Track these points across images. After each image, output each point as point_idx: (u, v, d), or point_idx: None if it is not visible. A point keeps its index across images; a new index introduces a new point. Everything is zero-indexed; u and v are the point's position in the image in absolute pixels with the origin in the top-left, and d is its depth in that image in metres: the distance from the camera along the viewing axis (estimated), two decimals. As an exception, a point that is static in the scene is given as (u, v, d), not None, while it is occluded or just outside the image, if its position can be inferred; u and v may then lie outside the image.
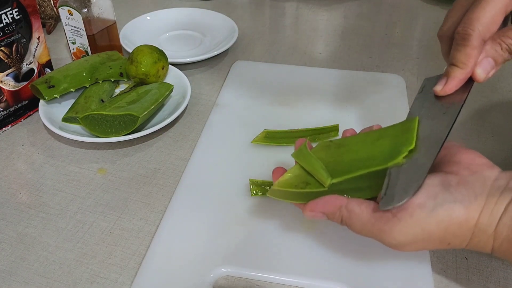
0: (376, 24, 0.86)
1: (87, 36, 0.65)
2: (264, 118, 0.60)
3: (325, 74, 0.69)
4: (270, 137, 0.55)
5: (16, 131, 0.60)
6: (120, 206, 0.49)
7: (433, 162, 0.34)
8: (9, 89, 0.59)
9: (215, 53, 0.72)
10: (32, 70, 0.61)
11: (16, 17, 0.57)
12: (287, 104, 0.62)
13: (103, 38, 0.67)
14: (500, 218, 0.32)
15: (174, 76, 0.65)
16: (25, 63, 0.60)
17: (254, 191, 0.48)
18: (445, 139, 0.35)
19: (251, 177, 0.49)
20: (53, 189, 0.51)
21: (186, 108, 0.62)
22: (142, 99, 0.57)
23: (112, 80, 0.63)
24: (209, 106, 0.63)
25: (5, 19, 0.55)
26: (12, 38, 0.57)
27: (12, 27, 0.56)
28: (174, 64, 0.67)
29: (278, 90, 0.65)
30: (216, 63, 0.73)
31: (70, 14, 0.64)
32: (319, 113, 0.60)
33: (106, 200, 0.50)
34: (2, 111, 0.59)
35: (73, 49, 0.69)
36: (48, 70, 0.64)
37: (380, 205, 0.33)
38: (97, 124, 0.54)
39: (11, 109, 0.60)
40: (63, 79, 0.59)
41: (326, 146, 0.41)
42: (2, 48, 0.56)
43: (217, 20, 0.82)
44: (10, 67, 0.58)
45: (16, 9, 0.56)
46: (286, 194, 0.39)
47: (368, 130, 0.42)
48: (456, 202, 0.33)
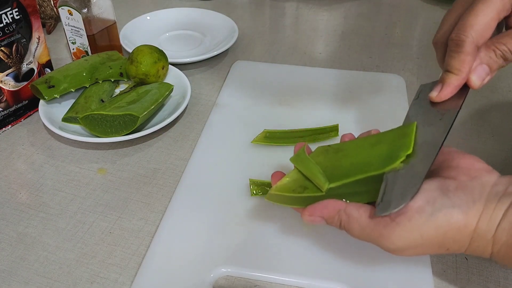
0: (376, 24, 0.86)
1: (87, 36, 0.65)
2: (264, 118, 0.60)
3: (325, 74, 0.69)
4: (270, 137, 0.55)
5: (16, 131, 0.60)
6: (120, 206, 0.49)
7: (429, 168, 0.34)
8: (9, 89, 0.59)
9: (215, 53, 0.72)
10: (32, 70, 0.61)
11: (16, 17, 0.57)
12: (287, 104, 0.62)
13: (103, 38, 0.67)
14: (499, 224, 0.32)
15: (174, 76, 0.65)
16: (25, 63, 0.60)
17: (254, 191, 0.48)
18: (442, 145, 0.35)
19: (251, 177, 0.49)
20: (53, 189, 0.51)
21: (186, 108, 0.62)
22: (142, 99, 0.57)
23: (112, 80, 0.63)
24: (209, 106, 0.63)
25: (5, 19, 0.55)
26: (12, 38, 0.57)
27: (12, 27, 0.56)
28: (174, 64, 0.67)
29: (278, 90, 0.65)
30: (216, 63, 0.73)
31: (70, 14, 0.64)
32: (319, 113, 0.60)
33: (106, 200, 0.50)
34: (2, 111, 0.59)
35: (73, 49, 0.69)
36: (48, 70, 0.64)
37: (377, 211, 0.33)
38: (97, 124, 0.54)
39: (11, 109, 0.60)
40: (63, 79, 0.59)
41: (325, 150, 0.41)
42: (2, 48, 0.56)
43: (217, 20, 0.82)
44: (10, 67, 0.58)
45: (16, 9, 0.56)
46: (284, 198, 0.39)
47: (366, 135, 0.41)
48: (454, 207, 0.32)
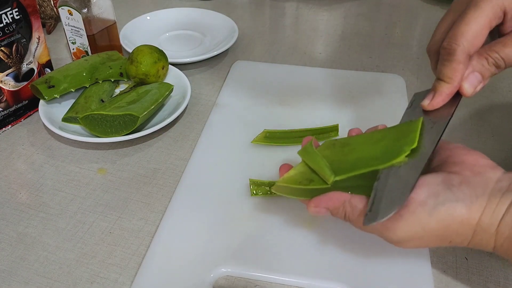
0: (376, 24, 0.86)
1: (87, 36, 0.65)
2: (264, 118, 0.60)
3: (325, 74, 0.69)
4: (270, 137, 0.55)
5: (16, 131, 0.60)
6: (120, 206, 0.49)
7: (418, 177, 0.34)
8: (9, 89, 0.59)
9: (215, 53, 0.72)
10: (32, 70, 0.61)
11: (16, 17, 0.57)
12: (287, 104, 0.62)
13: (103, 38, 0.67)
14: (502, 218, 0.32)
15: (174, 76, 0.65)
16: (25, 63, 0.60)
17: (254, 191, 0.48)
18: (432, 154, 0.36)
19: (251, 177, 0.49)
20: (53, 189, 0.51)
21: (186, 108, 0.62)
22: (142, 99, 0.57)
23: (112, 80, 0.63)
24: (209, 106, 0.63)
25: (5, 19, 0.55)
26: (12, 38, 0.57)
27: (12, 27, 0.56)
28: (174, 64, 0.67)
29: (278, 90, 0.65)
30: (216, 63, 0.73)
31: (70, 14, 0.64)
32: (319, 113, 0.60)
33: (106, 200, 0.50)
34: (2, 111, 0.59)
35: (73, 49, 0.69)
36: (48, 70, 0.64)
37: (365, 220, 0.34)
38: (97, 124, 0.54)
39: (11, 109, 0.60)
40: (63, 79, 0.59)
41: (332, 144, 0.42)
42: (2, 48, 0.56)
43: (217, 20, 0.82)
44: (10, 67, 0.58)
45: (16, 9, 0.56)
46: (290, 190, 0.40)
47: (373, 130, 0.42)
48: (458, 201, 0.33)
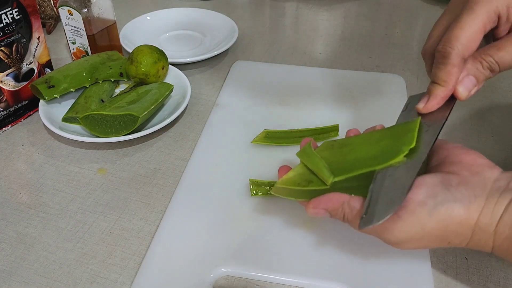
0: (376, 24, 0.86)
1: (87, 36, 0.65)
2: (264, 118, 0.60)
3: (325, 74, 0.69)
4: (270, 137, 0.55)
5: (16, 131, 0.60)
6: (120, 206, 0.49)
7: (414, 178, 0.34)
8: (9, 89, 0.59)
9: (215, 53, 0.72)
10: (32, 70, 0.61)
11: (16, 17, 0.57)
12: (287, 104, 0.62)
13: (103, 38, 0.67)
14: (500, 218, 0.32)
15: (174, 76, 0.65)
16: (25, 63, 0.60)
17: (254, 191, 0.48)
18: (426, 156, 0.36)
19: (251, 177, 0.49)
20: (53, 189, 0.51)
21: (186, 108, 0.62)
22: (142, 99, 0.57)
23: (112, 80, 0.63)
24: (209, 106, 0.63)
25: (5, 19, 0.55)
26: (12, 38, 0.57)
27: (12, 27, 0.56)
28: (174, 64, 0.67)
29: (278, 90, 0.65)
30: (216, 63, 0.73)
31: (70, 14, 0.64)
32: (319, 113, 0.60)
33: (106, 200, 0.50)
34: (2, 111, 0.59)
35: (73, 49, 0.69)
36: (48, 70, 0.64)
37: (361, 224, 0.34)
38: (97, 124, 0.54)
39: (11, 109, 0.60)
40: (63, 79, 0.59)
41: (330, 145, 0.42)
42: (2, 48, 0.56)
43: (217, 20, 0.82)
44: (10, 67, 0.58)
45: (16, 9, 0.56)
46: (289, 191, 0.40)
47: (371, 130, 0.42)
48: (456, 202, 0.33)
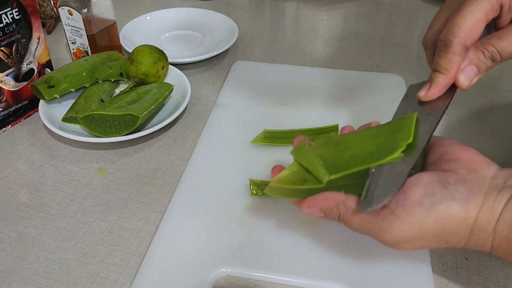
0: (376, 24, 0.86)
1: (87, 36, 0.65)
2: (264, 118, 0.60)
3: (325, 74, 0.69)
4: (270, 137, 0.55)
5: (16, 131, 0.60)
6: (120, 206, 0.49)
7: (412, 167, 0.34)
8: (9, 89, 0.59)
9: (215, 53, 0.72)
10: (32, 70, 0.61)
11: (16, 17, 0.57)
12: (287, 104, 0.62)
13: (103, 38, 0.67)
14: (499, 216, 0.32)
15: (174, 76, 0.65)
16: (25, 63, 0.60)
17: (254, 191, 0.48)
18: (425, 145, 0.36)
19: (251, 177, 0.49)
20: (53, 189, 0.51)
21: (186, 108, 0.62)
22: (142, 99, 0.57)
23: (112, 80, 0.63)
24: (209, 106, 0.63)
25: (5, 19, 0.55)
26: (12, 38, 0.57)
27: (12, 27, 0.56)
28: (174, 64, 0.67)
29: (278, 90, 0.65)
30: (216, 63, 0.73)
31: (70, 14, 0.64)
32: (319, 113, 0.60)
33: (106, 200, 0.50)
34: (2, 111, 0.59)
35: (73, 49, 0.69)
36: (48, 70, 0.64)
37: (360, 207, 0.34)
38: (97, 124, 0.54)
39: (11, 109, 0.60)
40: (63, 79, 0.59)
41: (325, 143, 0.41)
42: (2, 48, 0.56)
43: (217, 20, 0.82)
44: (10, 67, 0.58)
45: (16, 9, 0.56)
46: (284, 190, 0.39)
47: (366, 127, 0.42)
48: (454, 200, 0.33)
